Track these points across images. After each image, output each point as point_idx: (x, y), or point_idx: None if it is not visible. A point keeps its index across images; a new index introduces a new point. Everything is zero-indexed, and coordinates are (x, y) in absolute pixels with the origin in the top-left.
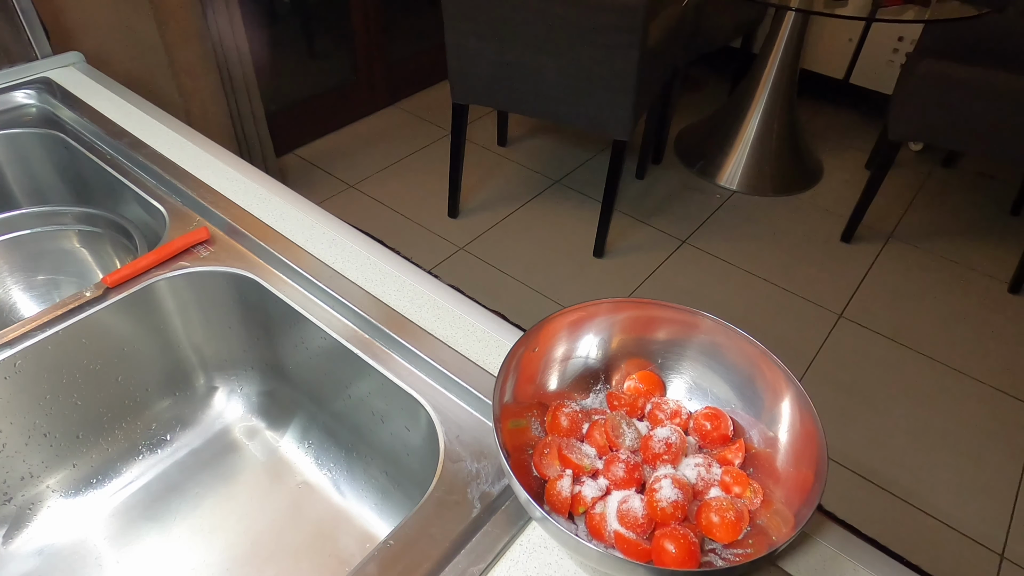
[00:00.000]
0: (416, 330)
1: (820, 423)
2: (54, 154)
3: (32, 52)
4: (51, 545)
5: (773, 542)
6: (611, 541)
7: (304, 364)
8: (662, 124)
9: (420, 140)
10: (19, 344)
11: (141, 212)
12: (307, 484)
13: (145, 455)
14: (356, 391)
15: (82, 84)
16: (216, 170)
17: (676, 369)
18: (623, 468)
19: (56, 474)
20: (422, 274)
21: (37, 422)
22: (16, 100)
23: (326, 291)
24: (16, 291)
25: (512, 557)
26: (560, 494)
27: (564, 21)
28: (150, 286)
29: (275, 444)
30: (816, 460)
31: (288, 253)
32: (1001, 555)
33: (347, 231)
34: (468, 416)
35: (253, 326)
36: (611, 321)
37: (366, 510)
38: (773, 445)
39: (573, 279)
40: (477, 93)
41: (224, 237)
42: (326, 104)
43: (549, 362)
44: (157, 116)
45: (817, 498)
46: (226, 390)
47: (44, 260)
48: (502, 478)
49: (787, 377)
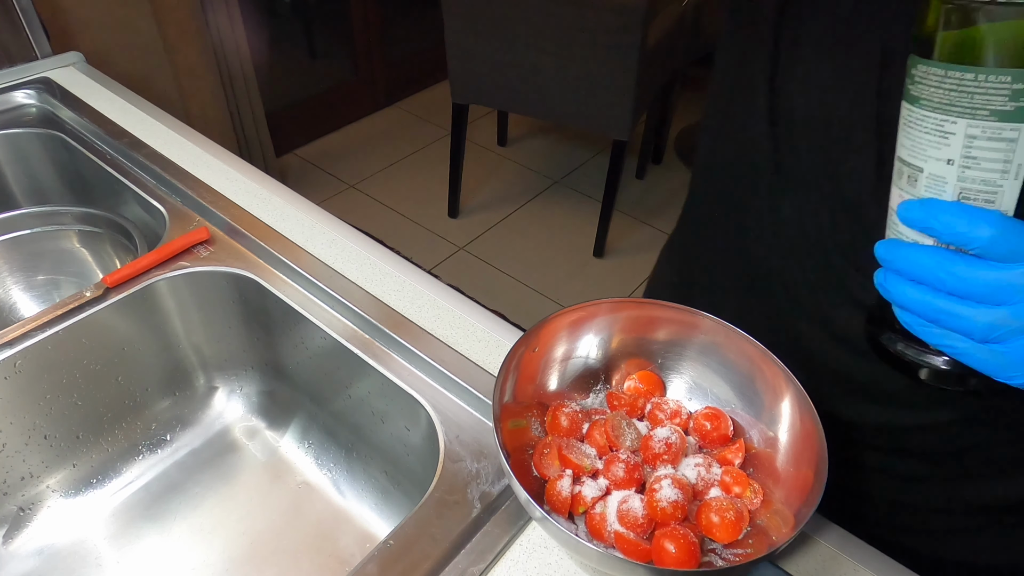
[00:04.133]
0: (416, 330)
1: (820, 423)
2: (54, 154)
3: (32, 52)
4: (51, 545)
5: (773, 542)
6: (611, 541)
7: (304, 364)
8: (662, 124)
9: (420, 140)
10: (19, 344)
11: (141, 212)
12: (307, 484)
13: (145, 455)
14: (356, 391)
15: (82, 84)
16: (216, 170)
17: (676, 369)
18: (623, 468)
19: (56, 474)
20: (422, 274)
21: (37, 422)
22: (16, 100)
23: (326, 291)
24: (16, 291)
25: (512, 557)
26: (560, 494)
27: (564, 21)
28: (150, 286)
29: (275, 444)
30: (816, 460)
31: (288, 253)
32: None
33: (347, 231)
34: (468, 416)
35: (253, 326)
36: (611, 321)
37: (366, 510)
38: (773, 445)
39: (573, 279)
40: (477, 93)
41: (224, 237)
42: (326, 104)
43: (549, 362)
44: (157, 116)
45: (817, 498)
46: (226, 390)
47: (44, 260)
48: (502, 478)
49: (787, 377)
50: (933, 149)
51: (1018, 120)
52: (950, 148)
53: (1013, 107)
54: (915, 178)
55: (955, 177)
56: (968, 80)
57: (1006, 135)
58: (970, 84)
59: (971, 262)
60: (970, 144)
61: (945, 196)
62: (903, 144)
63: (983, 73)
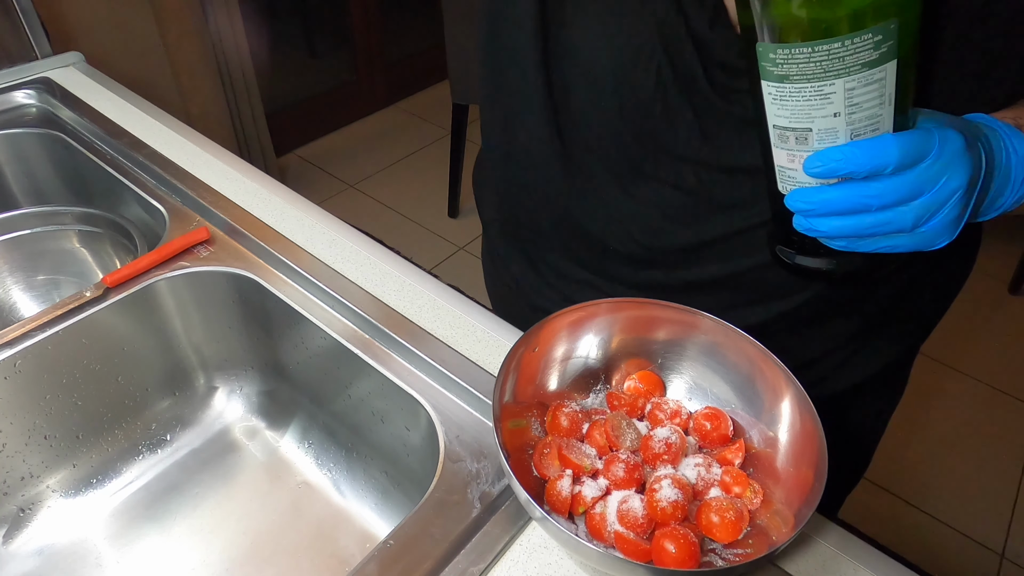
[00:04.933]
0: (416, 330)
1: (820, 423)
2: (54, 154)
3: (32, 52)
4: (51, 545)
5: (773, 542)
6: (611, 541)
7: (304, 364)
8: None
9: (420, 140)
10: (19, 344)
11: (141, 212)
12: (307, 484)
13: (145, 455)
14: (356, 391)
15: (82, 84)
16: (216, 170)
17: (676, 369)
18: (623, 468)
19: (56, 474)
20: (422, 274)
21: (37, 422)
22: (16, 100)
23: (326, 291)
24: (16, 291)
25: (512, 557)
26: (560, 494)
27: None
28: (150, 286)
29: (275, 444)
30: (816, 460)
31: (288, 253)
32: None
33: (347, 231)
34: (468, 416)
35: (253, 326)
36: (611, 321)
37: (366, 510)
38: (773, 445)
39: None
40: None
41: (224, 237)
42: (326, 104)
43: (549, 362)
44: (157, 116)
45: (817, 498)
46: (226, 390)
47: (44, 260)
48: (502, 478)
49: (787, 377)
50: (817, 110)
51: (884, 61)
52: (833, 104)
53: (878, 54)
54: (804, 137)
55: (843, 124)
56: (836, 49)
57: (876, 76)
58: (839, 51)
59: (884, 180)
60: (851, 95)
61: (840, 141)
62: (779, 115)
63: (848, 39)
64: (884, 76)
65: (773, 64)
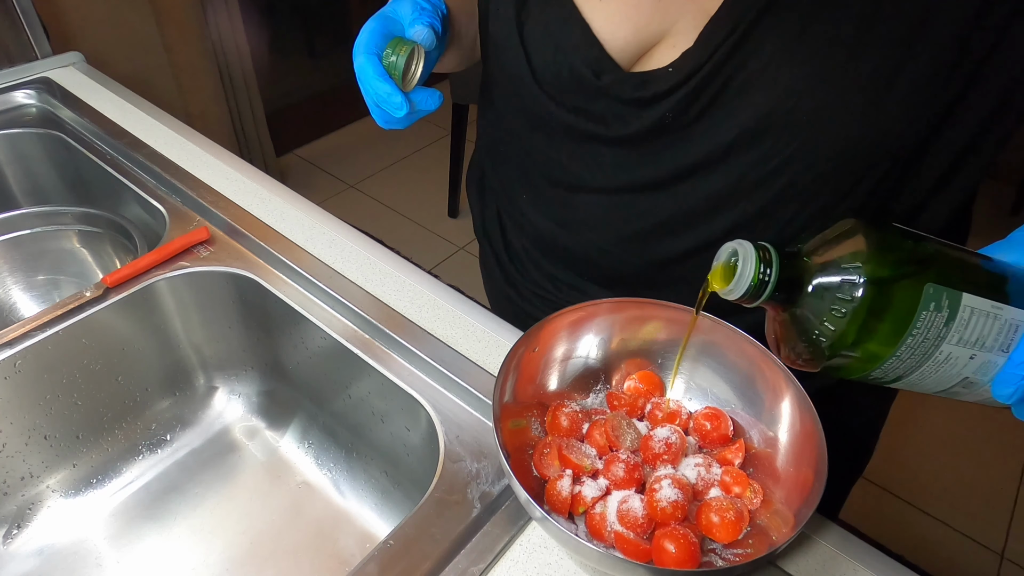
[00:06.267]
0: (416, 330)
1: (820, 423)
2: (54, 154)
3: (32, 52)
4: (51, 545)
5: (773, 542)
6: (611, 541)
7: (304, 364)
8: None
9: (420, 140)
10: (19, 344)
11: (141, 212)
12: (307, 484)
13: (145, 455)
14: (356, 391)
15: (82, 84)
16: (216, 170)
17: None
18: (623, 468)
19: (56, 474)
20: (422, 274)
21: (37, 422)
22: (16, 100)
23: (326, 291)
24: (16, 291)
25: (512, 557)
26: (560, 494)
27: None
28: (150, 286)
29: (275, 444)
30: (816, 460)
31: (288, 253)
32: (1001, 555)
33: (347, 231)
34: (468, 416)
35: (253, 326)
36: (611, 321)
37: (366, 510)
38: (773, 445)
39: None
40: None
41: (224, 237)
42: (326, 104)
43: (549, 362)
44: (157, 116)
45: (817, 498)
46: (226, 390)
47: (44, 260)
48: (502, 478)
49: (787, 377)
50: (955, 369)
51: (957, 305)
52: (959, 358)
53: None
54: (967, 384)
55: (986, 353)
56: (915, 342)
57: (965, 317)
58: (919, 341)
59: None
60: (964, 341)
61: (999, 361)
62: (931, 388)
63: (915, 329)
64: (972, 307)
65: (884, 376)
